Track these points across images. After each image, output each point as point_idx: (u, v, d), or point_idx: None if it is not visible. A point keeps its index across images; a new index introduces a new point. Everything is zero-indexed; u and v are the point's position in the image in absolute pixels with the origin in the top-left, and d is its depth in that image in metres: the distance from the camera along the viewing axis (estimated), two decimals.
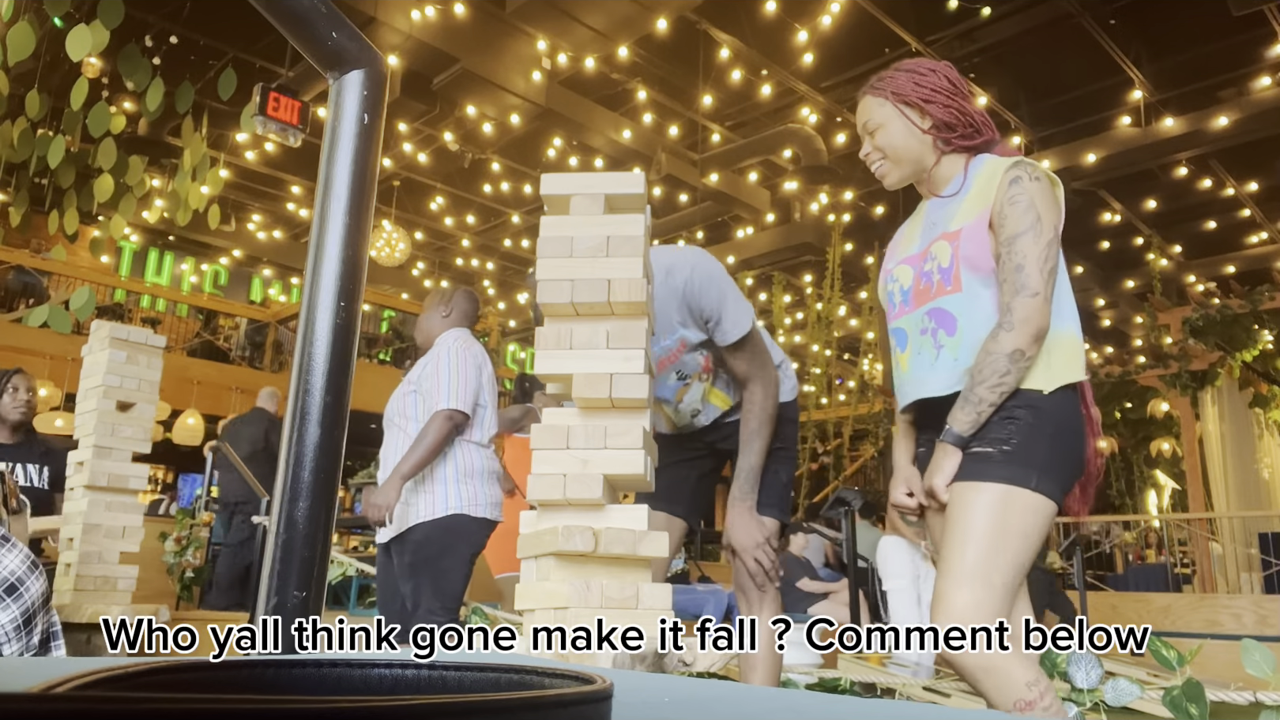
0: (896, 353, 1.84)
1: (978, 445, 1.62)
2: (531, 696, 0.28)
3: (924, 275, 1.77)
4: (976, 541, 1.56)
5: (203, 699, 0.22)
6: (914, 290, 1.79)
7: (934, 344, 1.73)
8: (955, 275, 1.70)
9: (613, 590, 1.44)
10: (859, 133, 1.89)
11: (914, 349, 1.77)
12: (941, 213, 1.79)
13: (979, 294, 1.69)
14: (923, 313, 1.75)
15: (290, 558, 0.59)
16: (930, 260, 1.76)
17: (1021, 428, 1.60)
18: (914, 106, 1.80)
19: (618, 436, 1.47)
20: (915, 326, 1.77)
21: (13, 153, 6.62)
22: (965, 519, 1.58)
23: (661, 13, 7.99)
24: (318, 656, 0.38)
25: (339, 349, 0.63)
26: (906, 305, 1.81)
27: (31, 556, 2.26)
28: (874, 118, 1.83)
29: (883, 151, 1.83)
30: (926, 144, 1.80)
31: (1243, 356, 8.85)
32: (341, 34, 0.67)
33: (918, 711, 0.41)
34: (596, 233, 1.49)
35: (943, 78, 1.80)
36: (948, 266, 1.71)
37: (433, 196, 12.34)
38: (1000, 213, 1.66)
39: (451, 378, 3.01)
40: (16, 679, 0.41)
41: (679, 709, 0.41)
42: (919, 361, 1.76)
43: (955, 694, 3.28)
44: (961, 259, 1.69)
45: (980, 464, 1.60)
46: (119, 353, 3.10)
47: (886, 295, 1.91)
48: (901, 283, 1.84)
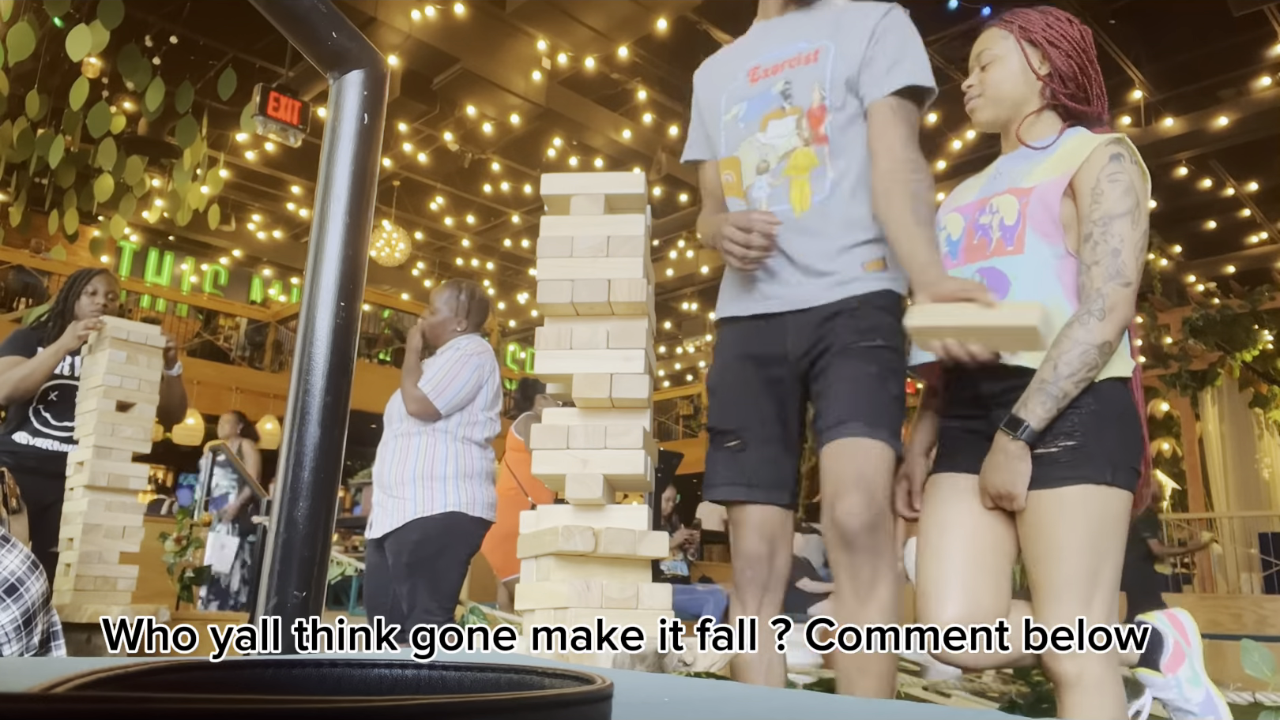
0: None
1: (1041, 445, 1.50)
2: (531, 696, 0.28)
3: (979, 228, 1.64)
4: (1071, 558, 1.46)
5: (203, 699, 0.22)
6: (965, 243, 1.66)
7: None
8: (1020, 235, 1.57)
9: (613, 590, 1.44)
10: (969, 63, 1.76)
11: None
12: (1017, 166, 1.67)
13: (1042, 259, 1.56)
14: (973, 269, 1.62)
15: (290, 558, 0.59)
16: (990, 213, 1.63)
17: (1085, 418, 1.49)
18: (1038, 47, 1.66)
19: (618, 436, 1.47)
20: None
21: (13, 153, 6.62)
22: (1052, 533, 1.48)
23: (661, 13, 7.99)
24: (318, 656, 0.38)
25: (339, 349, 0.63)
26: (953, 258, 1.66)
27: (31, 556, 2.26)
28: (991, 49, 1.70)
29: (984, 86, 1.70)
30: (1034, 90, 1.67)
31: (1243, 356, 8.85)
32: (341, 34, 0.67)
33: (918, 711, 0.41)
34: (596, 233, 1.49)
35: (1078, 30, 1.68)
36: (1013, 224, 1.59)
37: (433, 196, 12.33)
38: (1095, 186, 1.54)
39: (453, 381, 3.03)
40: (16, 679, 0.41)
41: (679, 709, 0.41)
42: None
43: (955, 694, 3.28)
44: (1029, 218, 1.57)
45: (1049, 466, 1.49)
46: (119, 353, 3.10)
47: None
48: (950, 231, 1.70)
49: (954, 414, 1.69)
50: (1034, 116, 1.68)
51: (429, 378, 3.05)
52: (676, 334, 17.21)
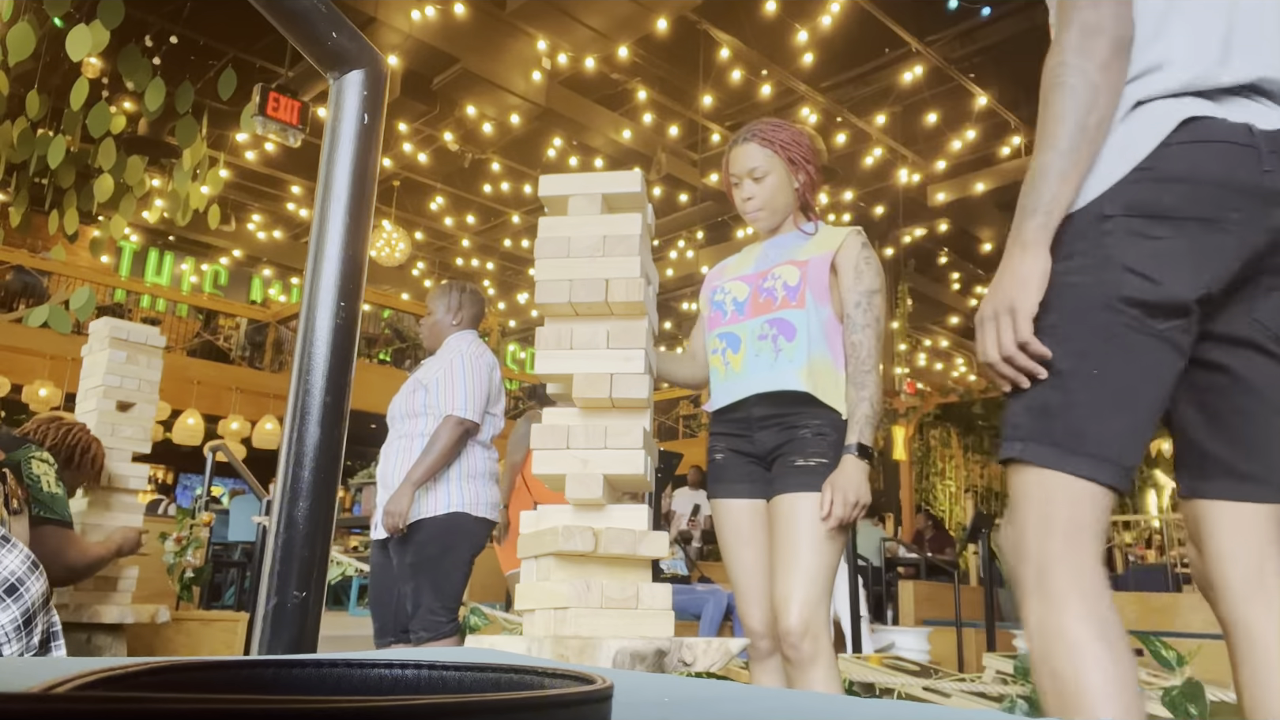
0: (725, 354, 2.09)
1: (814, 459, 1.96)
2: (531, 696, 0.28)
3: (764, 290, 2.05)
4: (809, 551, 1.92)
5: (203, 699, 0.22)
6: (751, 302, 2.07)
7: (773, 348, 1.99)
8: (802, 294, 2.00)
9: (613, 590, 1.44)
10: (733, 176, 2.11)
11: (750, 351, 2.03)
12: (786, 247, 2.10)
13: (818, 315, 2.00)
14: (762, 321, 2.02)
15: (290, 558, 0.59)
16: (773, 279, 2.04)
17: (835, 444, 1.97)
18: (795, 165, 2.07)
19: (618, 436, 1.47)
20: (753, 332, 2.03)
21: (13, 153, 6.62)
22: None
23: (661, 13, 7.99)
24: (318, 656, 0.38)
25: (339, 349, 0.63)
26: (740, 314, 2.07)
27: (31, 556, 2.26)
28: (761, 165, 2.06)
29: (763, 200, 2.07)
30: (792, 200, 2.10)
31: None
32: (341, 34, 0.67)
33: (918, 711, 0.41)
34: (593, 232, 1.49)
35: (809, 146, 2.10)
36: (795, 284, 2.01)
37: (433, 196, 12.33)
38: (856, 266, 2.01)
39: (466, 385, 3.02)
40: (16, 679, 0.41)
41: (679, 709, 0.41)
42: (757, 363, 2.01)
43: (955, 694, 3.28)
44: (809, 281, 2.01)
45: (811, 476, 1.95)
46: (119, 353, 3.10)
47: (714, 304, 2.15)
48: (735, 295, 2.11)
49: (724, 441, 2.15)
50: (792, 218, 2.13)
51: (440, 392, 3.04)
52: (676, 334, 17.21)
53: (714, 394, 2.14)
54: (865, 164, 10.68)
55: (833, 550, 1.91)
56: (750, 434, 2.06)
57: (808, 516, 1.90)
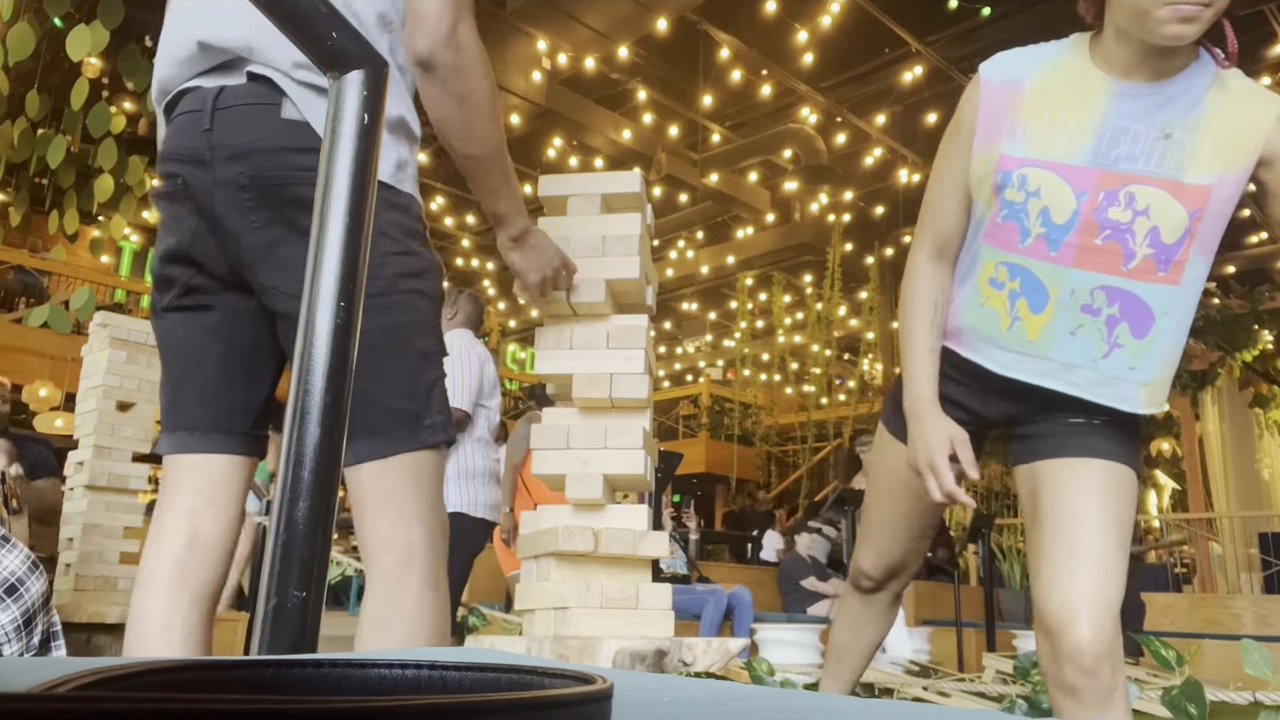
0: (1015, 302, 1.34)
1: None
2: (531, 697, 0.28)
3: (1110, 226, 1.26)
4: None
5: (203, 699, 0.22)
6: (1079, 237, 1.28)
7: (1106, 336, 1.30)
8: (1180, 263, 1.26)
9: (613, 590, 1.44)
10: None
11: (1065, 324, 1.31)
12: (1154, 122, 1.25)
13: (1192, 288, 1.29)
14: (1095, 284, 1.29)
15: (290, 558, 0.59)
16: (1130, 208, 1.25)
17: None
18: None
19: (618, 436, 1.47)
20: (1075, 295, 1.30)
21: (13, 153, 6.62)
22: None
23: (661, 13, 7.98)
24: (318, 656, 0.38)
25: (339, 349, 0.63)
26: (1057, 252, 1.29)
27: (31, 556, 2.26)
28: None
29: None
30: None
31: (1243, 356, 8.85)
32: (341, 34, 0.67)
33: (918, 711, 0.41)
34: (592, 232, 1.49)
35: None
36: (1173, 243, 1.25)
37: (433, 196, 12.33)
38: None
39: (455, 376, 3.02)
40: (16, 679, 0.41)
41: (679, 709, 0.41)
42: (1071, 347, 1.32)
43: (955, 694, 3.27)
44: (1197, 238, 1.25)
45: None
46: (119, 353, 3.09)
47: (1004, 201, 1.32)
48: (1053, 206, 1.28)
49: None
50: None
51: None
52: (676, 334, 17.21)
53: (959, 327, 1.43)
54: (865, 164, 10.68)
55: (1129, 535, 1.35)
56: (986, 394, 1.46)
57: (1097, 489, 1.33)
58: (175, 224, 1.21)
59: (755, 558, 8.78)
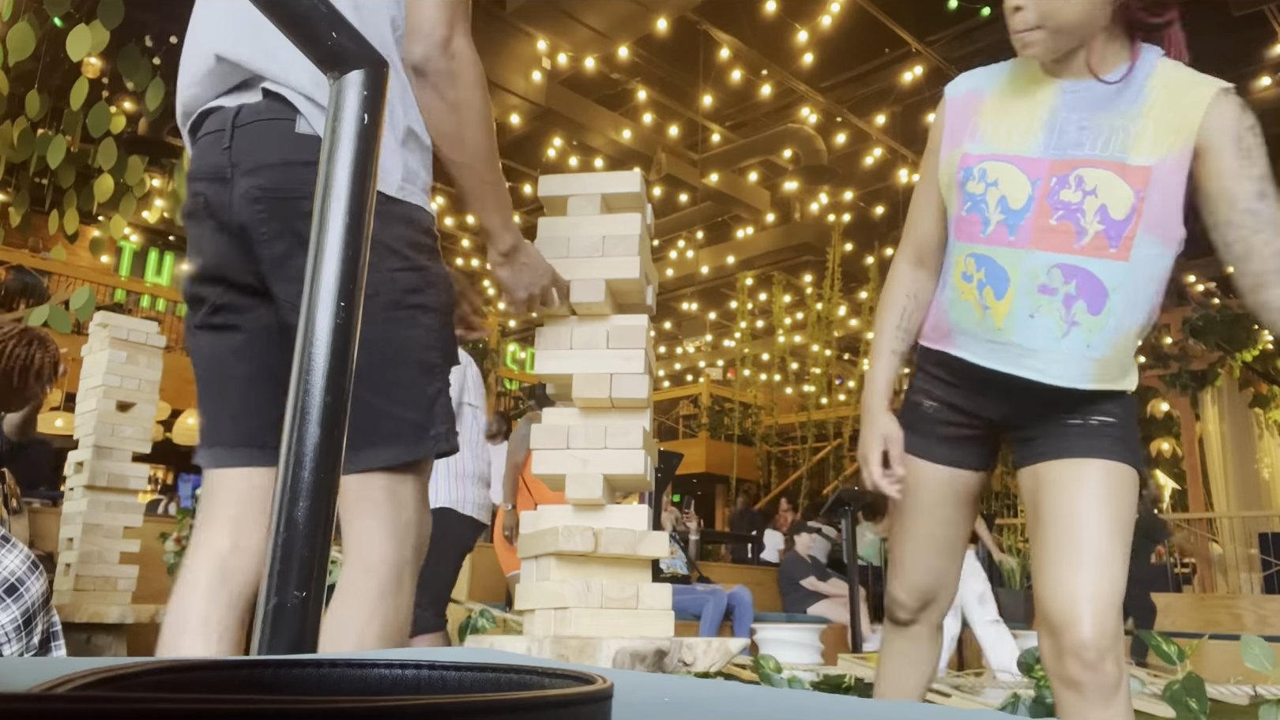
0: (982, 290, 1.37)
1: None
2: (531, 696, 0.28)
3: (1063, 207, 1.31)
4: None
5: (203, 699, 0.22)
6: (1034, 220, 1.32)
7: (1064, 315, 1.32)
8: (1129, 238, 1.29)
9: (613, 590, 1.44)
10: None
11: (1024, 307, 1.34)
12: (1098, 113, 1.33)
13: (1147, 266, 1.31)
14: (1051, 262, 1.32)
15: (290, 558, 0.59)
16: (1080, 189, 1.30)
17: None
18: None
19: (618, 436, 1.47)
20: (1032, 276, 1.33)
21: (13, 153, 6.62)
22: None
23: (661, 13, 7.98)
24: (318, 656, 0.38)
25: (339, 349, 0.63)
26: (1015, 236, 1.33)
27: (31, 556, 2.26)
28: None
29: (1042, 13, 1.32)
30: (1100, 10, 1.31)
31: (1243, 356, 8.85)
32: (341, 34, 0.67)
33: (918, 711, 0.41)
34: (592, 232, 1.49)
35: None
36: (1122, 219, 1.28)
37: (433, 196, 12.33)
38: (1239, 139, 1.29)
39: None
40: (16, 679, 0.41)
41: (679, 709, 0.41)
42: (1032, 330, 1.34)
43: (955, 694, 3.27)
44: (1145, 217, 1.29)
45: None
46: (119, 353, 3.09)
47: (965, 194, 1.40)
48: (1009, 195, 1.34)
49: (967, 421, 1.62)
50: (1101, 43, 1.33)
51: None
52: (676, 334, 17.21)
53: (948, 328, 1.47)
54: (865, 164, 10.68)
55: (1129, 533, 1.37)
56: (982, 393, 1.48)
57: (1098, 489, 1.35)
58: (202, 242, 1.24)
59: (756, 558, 8.79)
